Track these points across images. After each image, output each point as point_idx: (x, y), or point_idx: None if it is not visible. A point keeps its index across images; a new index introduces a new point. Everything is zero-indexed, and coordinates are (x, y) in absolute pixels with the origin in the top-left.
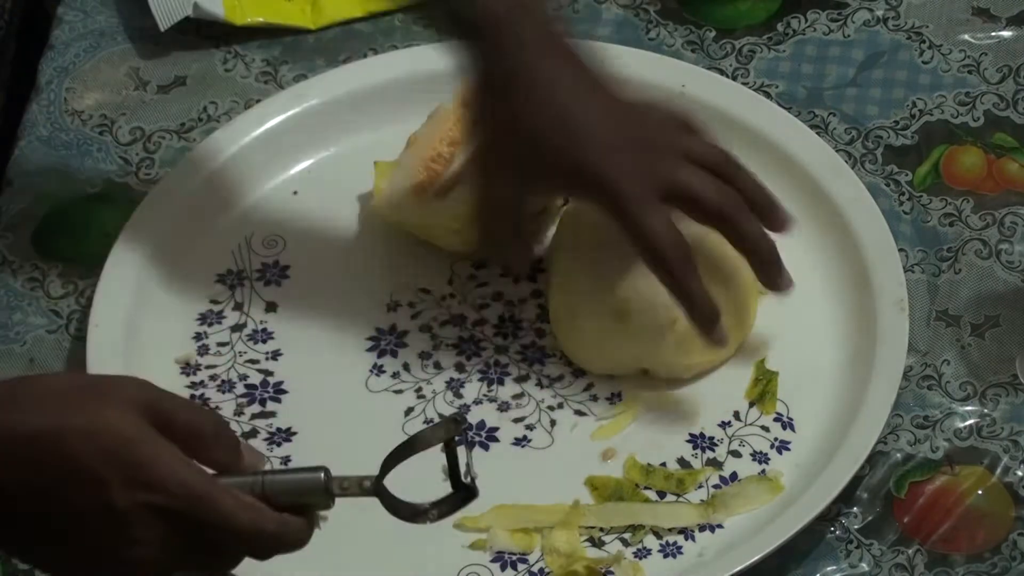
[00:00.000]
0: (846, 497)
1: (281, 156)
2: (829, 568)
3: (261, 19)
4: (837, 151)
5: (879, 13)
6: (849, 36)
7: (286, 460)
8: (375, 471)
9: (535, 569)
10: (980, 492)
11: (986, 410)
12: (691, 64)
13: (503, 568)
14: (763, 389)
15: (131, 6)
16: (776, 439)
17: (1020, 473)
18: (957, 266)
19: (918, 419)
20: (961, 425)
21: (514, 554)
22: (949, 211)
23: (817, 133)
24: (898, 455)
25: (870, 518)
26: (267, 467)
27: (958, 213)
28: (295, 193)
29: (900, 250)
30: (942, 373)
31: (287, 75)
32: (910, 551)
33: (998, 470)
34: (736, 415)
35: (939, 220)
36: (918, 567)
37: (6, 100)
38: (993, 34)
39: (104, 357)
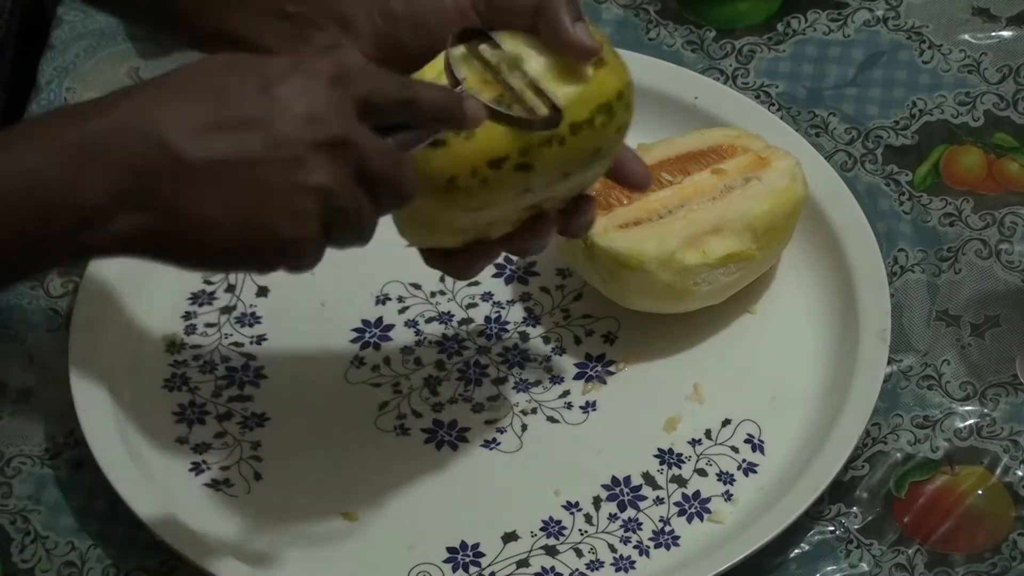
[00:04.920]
0: (846, 497)
1: None
2: (829, 568)
3: None
4: (837, 151)
5: (879, 13)
6: (849, 36)
7: (256, 445)
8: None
9: (486, 572)
10: (980, 492)
11: (986, 410)
12: (700, 75)
13: (455, 569)
14: None
15: None
16: (744, 460)
17: (1020, 473)
18: (957, 266)
19: (918, 419)
20: (961, 425)
21: (468, 555)
22: (949, 211)
23: (817, 134)
24: (898, 455)
25: (870, 518)
26: None
27: (958, 213)
28: None
29: (900, 250)
30: (942, 373)
31: None
32: (910, 551)
33: (998, 470)
34: (708, 433)
35: (939, 220)
36: (918, 567)
37: (6, 100)
38: (993, 34)
39: (88, 327)
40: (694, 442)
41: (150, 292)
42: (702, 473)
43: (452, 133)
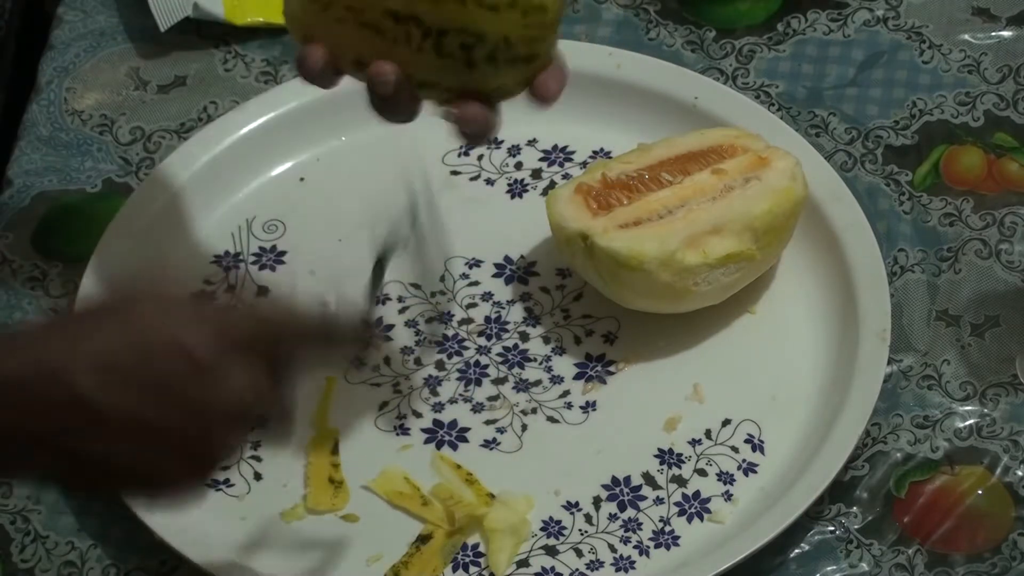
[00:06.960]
0: (846, 497)
1: (293, 141)
2: (829, 568)
3: (261, 19)
4: (837, 151)
5: (879, 13)
6: (849, 36)
7: (256, 445)
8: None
9: (486, 572)
10: (980, 492)
11: (986, 410)
12: (700, 75)
13: (455, 568)
14: None
15: (131, 6)
16: (744, 460)
17: (1020, 473)
18: (957, 266)
19: (918, 419)
20: (961, 425)
21: (468, 555)
22: (949, 211)
23: (817, 134)
24: (898, 455)
25: (870, 518)
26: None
27: (958, 213)
28: (302, 180)
29: (900, 250)
30: (942, 373)
31: (287, 75)
32: (910, 551)
33: (998, 470)
34: (708, 434)
35: (939, 220)
36: (918, 567)
37: (6, 100)
38: (993, 34)
39: None
40: (694, 442)
41: None
42: (702, 473)
43: None
